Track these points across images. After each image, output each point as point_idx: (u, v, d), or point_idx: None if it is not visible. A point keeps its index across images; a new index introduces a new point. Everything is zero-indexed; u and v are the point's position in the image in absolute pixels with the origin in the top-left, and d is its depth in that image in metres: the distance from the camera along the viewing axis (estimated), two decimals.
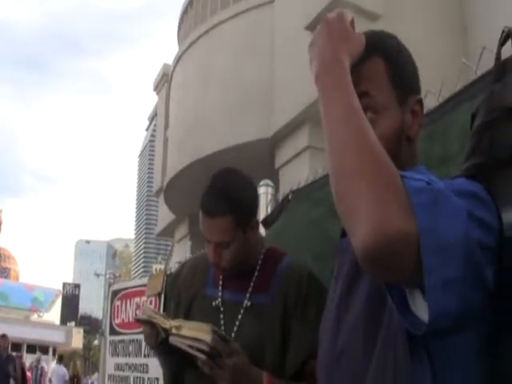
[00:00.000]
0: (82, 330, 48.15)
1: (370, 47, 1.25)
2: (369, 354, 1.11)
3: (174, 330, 1.82)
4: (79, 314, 56.76)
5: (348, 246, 1.21)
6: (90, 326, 54.05)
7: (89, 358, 56.55)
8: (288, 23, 10.87)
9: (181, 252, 16.74)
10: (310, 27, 9.97)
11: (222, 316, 1.97)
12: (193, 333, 1.77)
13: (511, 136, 1.40)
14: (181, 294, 2.11)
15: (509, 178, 1.35)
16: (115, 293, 4.87)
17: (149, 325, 1.93)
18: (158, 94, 18.81)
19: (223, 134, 11.86)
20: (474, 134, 1.50)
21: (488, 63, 1.60)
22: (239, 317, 1.94)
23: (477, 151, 1.47)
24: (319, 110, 1.16)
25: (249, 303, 1.94)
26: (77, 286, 57.72)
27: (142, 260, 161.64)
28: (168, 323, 1.86)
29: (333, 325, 1.25)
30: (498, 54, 1.52)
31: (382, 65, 1.24)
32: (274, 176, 10.21)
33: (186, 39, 14.51)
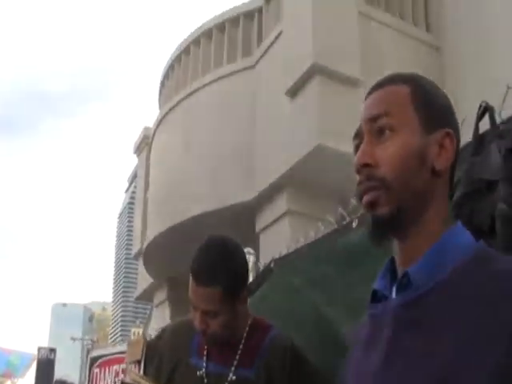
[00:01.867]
0: None
1: (397, 77, 1.24)
2: None
3: None
4: (54, 379, 55.32)
5: (384, 314, 1.13)
6: None
7: None
8: (269, 88, 11.03)
9: (160, 317, 16.50)
10: (290, 92, 10.14)
11: None
12: None
13: (490, 208, 1.42)
14: (162, 360, 2.07)
15: None
16: (94, 360, 4.79)
17: None
18: (138, 156, 18.85)
19: (204, 197, 11.87)
20: (454, 206, 1.52)
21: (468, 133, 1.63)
22: None
23: None
24: (299, 174, 1.10)
25: (233, 377, 1.91)
26: (52, 351, 56.28)
27: (120, 323, 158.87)
28: None
29: None
30: (477, 127, 1.56)
31: (406, 90, 1.19)
32: (255, 240, 10.20)
33: (167, 103, 14.65)
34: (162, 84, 16.87)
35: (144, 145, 17.80)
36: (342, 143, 8.90)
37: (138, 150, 18.62)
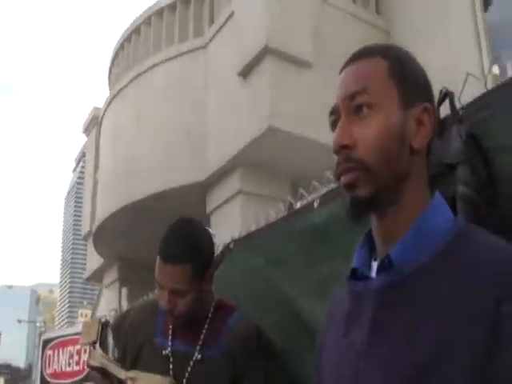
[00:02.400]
0: (2, 380, 46.38)
1: (373, 49, 1.19)
2: None
3: (129, 382, 1.78)
4: None
5: (365, 294, 1.11)
6: (11, 375, 52.14)
7: None
8: (220, 69, 10.99)
9: (110, 297, 16.40)
10: (242, 73, 10.12)
11: (171, 366, 1.95)
12: None
13: (450, 191, 1.46)
14: (127, 342, 2.08)
15: None
16: (46, 342, 4.74)
17: (101, 372, 1.89)
18: (87, 136, 18.59)
19: (155, 178, 11.80)
20: None
21: None
22: (189, 369, 1.93)
23: None
24: (251, 155, 1.07)
25: (199, 356, 1.94)
26: None
27: (67, 305, 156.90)
28: (123, 374, 1.82)
29: (352, 374, 1.10)
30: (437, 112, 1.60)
31: (383, 64, 1.14)
32: (205, 221, 10.19)
33: (118, 83, 14.46)
34: (112, 64, 16.65)
35: (93, 125, 17.56)
36: (293, 125, 8.96)
37: (87, 131, 18.36)
